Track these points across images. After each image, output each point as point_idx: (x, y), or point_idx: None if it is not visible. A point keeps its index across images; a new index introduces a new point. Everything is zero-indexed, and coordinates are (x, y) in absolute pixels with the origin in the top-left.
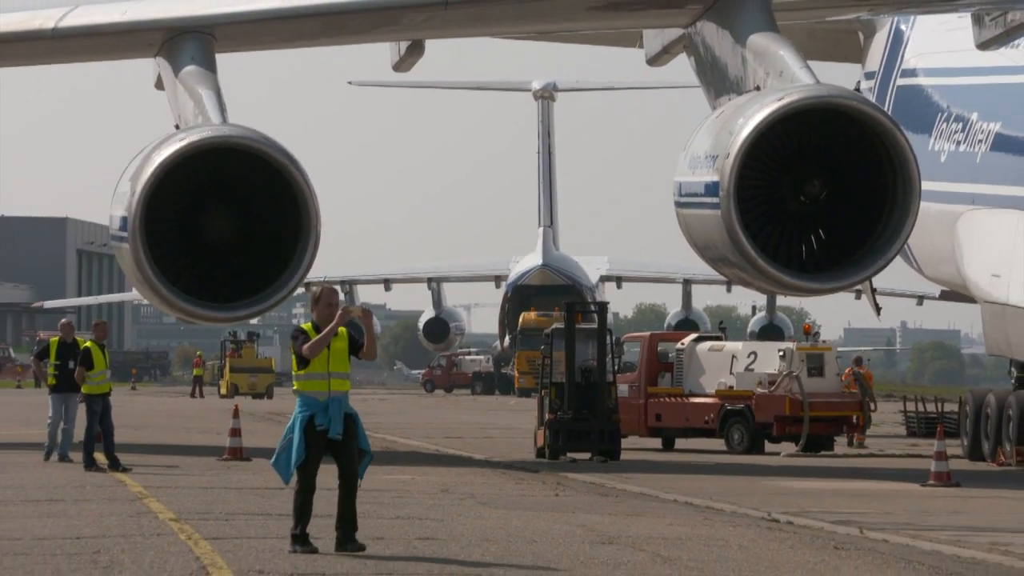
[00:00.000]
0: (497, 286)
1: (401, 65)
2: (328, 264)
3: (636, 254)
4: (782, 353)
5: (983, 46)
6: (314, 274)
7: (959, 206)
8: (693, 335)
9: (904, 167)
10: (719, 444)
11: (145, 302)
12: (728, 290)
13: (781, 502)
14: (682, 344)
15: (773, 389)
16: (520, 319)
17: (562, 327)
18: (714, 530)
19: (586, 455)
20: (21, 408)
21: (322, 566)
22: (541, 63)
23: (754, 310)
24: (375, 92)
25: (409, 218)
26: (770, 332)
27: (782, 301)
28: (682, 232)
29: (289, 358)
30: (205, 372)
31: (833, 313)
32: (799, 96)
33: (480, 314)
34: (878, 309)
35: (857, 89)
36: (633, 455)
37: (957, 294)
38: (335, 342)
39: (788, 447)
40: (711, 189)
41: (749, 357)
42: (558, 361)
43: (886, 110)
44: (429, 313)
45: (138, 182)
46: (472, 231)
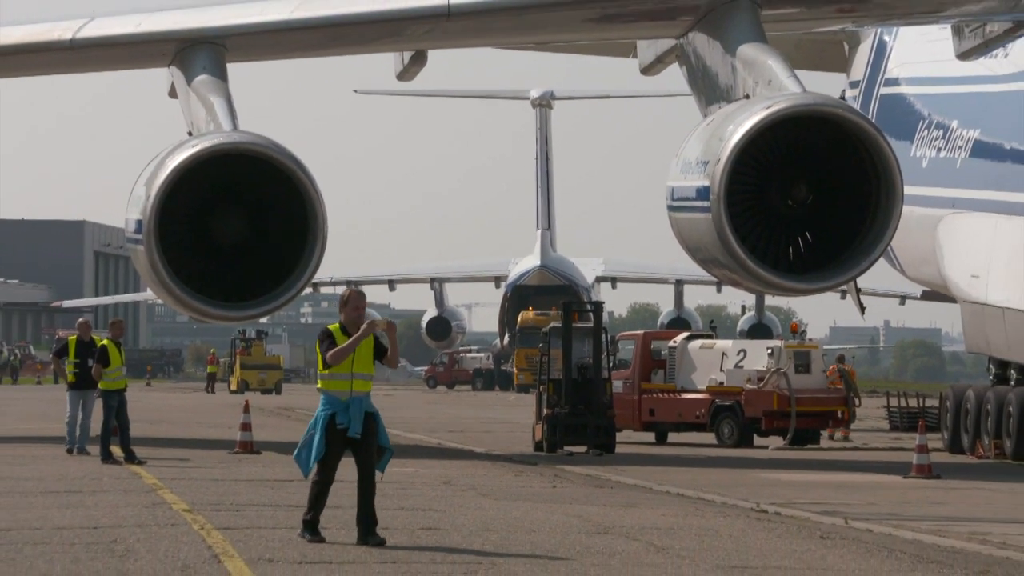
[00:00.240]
0: (497, 286)
1: (405, 74)
2: (334, 265)
3: (630, 256)
4: (770, 351)
5: (963, 56)
6: (321, 275)
7: (940, 210)
8: (685, 334)
9: (887, 172)
10: (710, 438)
11: (159, 302)
12: (718, 290)
13: (769, 493)
14: (674, 342)
15: (762, 385)
16: (519, 318)
17: (559, 326)
18: (705, 520)
19: (582, 448)
20: (40, 404)
21: (329, 555)
22: (539, 72)
23: (743, 309)
24: (380, 100)
25: (412, 221)
26: (759, 331)
27: (770, 301)
28: (674, 235)
29: (297, 356)
30: (217, 369)
31: (819, 312)
32: (787, 104)
33: (481, 313)
34: (862, 308)
35: (842, 97)
36: (627, 448)
37: (938, 294)
38: (367, 344)
39: (776, 441)
40: (702, 193)
41: (739, 355)
42: (555, 358)
43: (870, 118)
44: (432, 312)
45: (152, 186)
46: (473, 233)
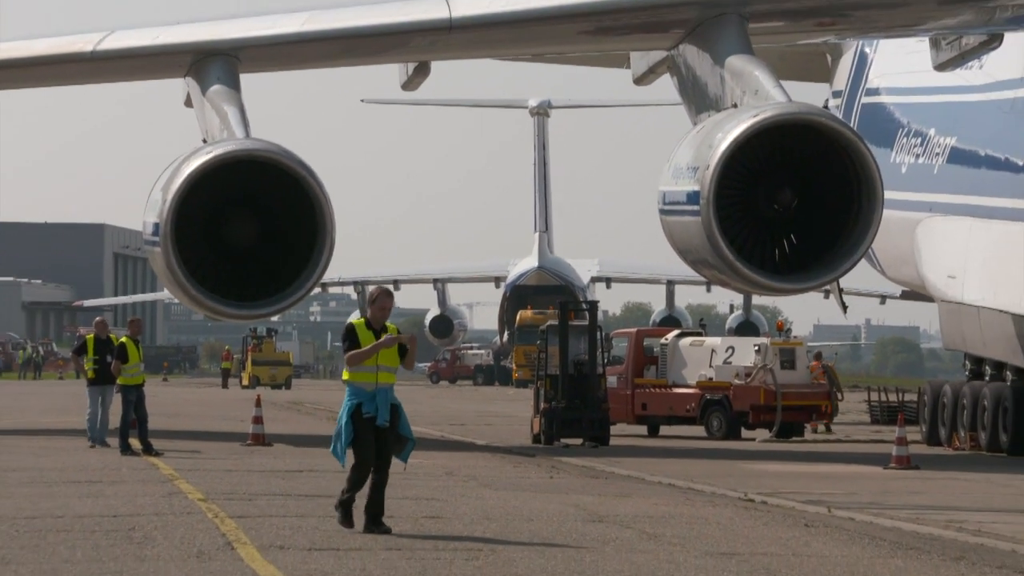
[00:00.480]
0: (497, 286)
1: (409, 84)
2: (342, 266)
3: (624, 257)
4: (757, 348)
5: (940, 68)
6: (329, 275)
7: (918, 213)
8: (676, 331)
9: (868, 178)
10: (700, 431)
11: (175, 301)
12: (708, 290)
13: (756, 483)
14: (666, 339)
15: (749, 380)
16: (518, 317)
17: (556, 324)
18: (695, 509)
19: (578, 441)
20: (62, 398)
21: (337, 541)
22: (536, 83)
23: (732, 308)
24: (385, 109)
25: (416, 224)
26: (746, 328)
27: (757, 300)
28: (666, 237)
29: (306, 352)
30: (231, 365)
31: (804, 311)
32: (773, 113)
33: (481, 312)
34: (845, 307)
35: (825, 106)
36: (621, 441)
37: (917, 294)
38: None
39: (763, 433)
40: (692, 198)
41: (727, 351)
42: (552, 355)
43: (852, 126)
44: (435, 311)
45: (169, 191)
46: (473, 236)
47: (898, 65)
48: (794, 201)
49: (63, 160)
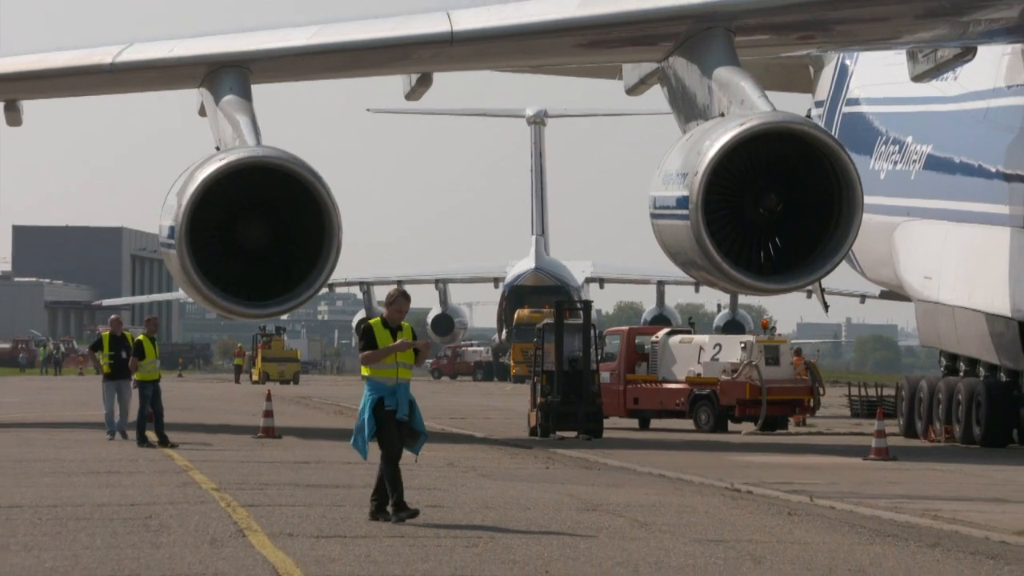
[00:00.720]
0: (495, 286)
1: (412, 94)
2: (348, 267)
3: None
4: (743, 345)
5: (917, 79)
6: (336, 276)
7: (896, 217)
8: (666, 329)
9: (849, 183)
10: (688, 424)
11: (190, 300)
12: (696, 290)
13: (742, 474)
14: (656, 337)
15: (735, 376)
16: (515, 315)
17: (552, 322)
18: (684, 498)
19: (573, 434)
20: (82, 392)
21: (343, 529)
22: (534, 93)
23: (719, 308)
24: (390, 118)
25: (418, 227)
26: (733, 327)
27: (743, 300)
28: (656, 240)
29: (314, 349)
30: (243, 362)
31: (788, 310)
32: (758, 122)
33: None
34: (826, 306)
35: (808, 116)
36: (614, 434)
37: (895, 294)
38: (404, 337)
39: (748, 427)
40: (681, 203)
41: (715, 348)
42: (549, 352)
43: (833, 134)
44: (436, 310)
45: (184, 196)
46: (473, 238)
47: (877, 76)
48: (778, 206)
49: (84, 167)
